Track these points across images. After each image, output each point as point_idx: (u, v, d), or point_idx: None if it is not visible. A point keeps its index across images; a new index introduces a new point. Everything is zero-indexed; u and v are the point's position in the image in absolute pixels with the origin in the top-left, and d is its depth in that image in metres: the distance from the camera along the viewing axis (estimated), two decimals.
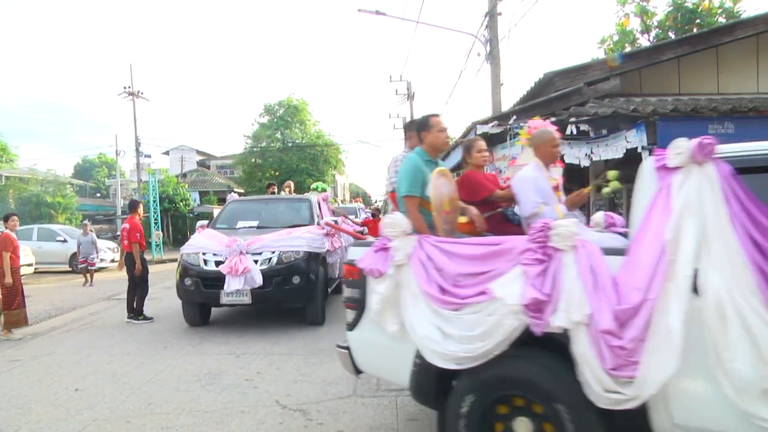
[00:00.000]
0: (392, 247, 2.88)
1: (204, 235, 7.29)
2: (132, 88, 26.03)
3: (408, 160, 3.41)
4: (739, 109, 6.06)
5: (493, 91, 9.55)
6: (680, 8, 13.40)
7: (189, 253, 6.94)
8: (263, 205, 8.71)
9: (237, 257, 6.42)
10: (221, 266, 6.43)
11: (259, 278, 6.40)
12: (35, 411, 4.21)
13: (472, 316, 2.56)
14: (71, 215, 26.47)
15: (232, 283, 6.30)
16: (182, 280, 6.77)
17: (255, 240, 6.75)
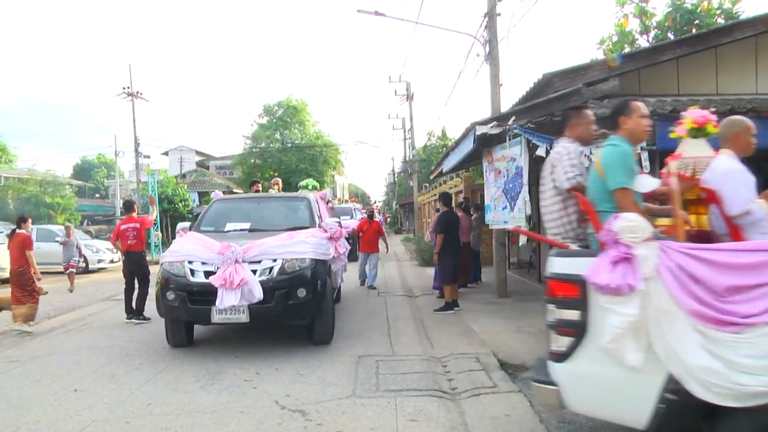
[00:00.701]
0: (637, 257, 2.40)
1: (189, 240, 6.17)
2: (131, 88, 26.04)
3: (615, 149, 2.98)
4: (737, 110, 6.06)
5: (492, 92, 9.55)
6: (679, 9, 13.41)
7: (172, 262, 5.75)
8: (254, 205, 7.53)
9: (232, 266, 5.38)
10: (212, 278, 5.38)
11: (258, 292, 5.36)
12: (34, 411, 4.20)
13: (763, 339, 2.16)
14: (70, 216, 26.45)
15: (226, 298, 5.28)
16: (164, 295, 5.64)
17: (252, 246, 5.66)
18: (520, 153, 6.90)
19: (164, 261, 5.90)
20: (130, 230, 8.03)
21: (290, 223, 6.80)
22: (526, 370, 5.04)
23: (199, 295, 5.53)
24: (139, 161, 26.85)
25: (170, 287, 5.63)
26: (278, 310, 5.57)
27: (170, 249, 6.09)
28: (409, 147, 29.10)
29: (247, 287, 5.32)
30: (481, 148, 7.98)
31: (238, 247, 5.53)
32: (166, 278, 5.70)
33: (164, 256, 6.01)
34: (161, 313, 5.83)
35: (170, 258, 5.84)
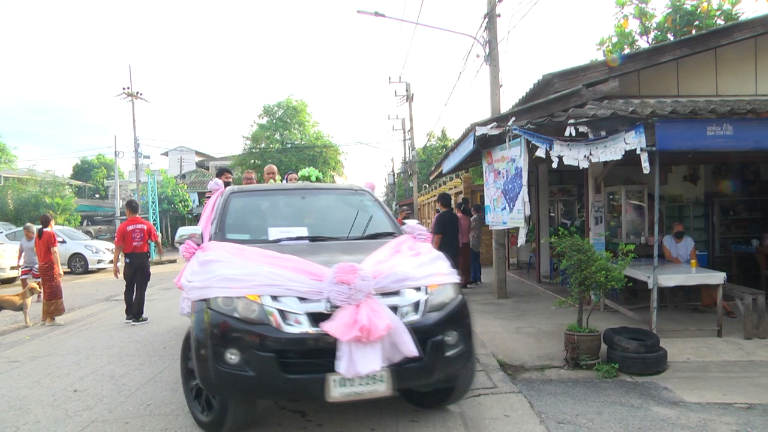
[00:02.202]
0: None
1: (250, 257, 3.63)
2: (131, 89, 26.05)
3: None
4: (737, 111, 6.07)
5: (492, 93, 9.56)
6: (679, 10, 13.41)
7: (232, 299, 3.31)
8: (295, 201, 5.13)
9: (364, 304, 3.17)
10: (328, 324, 3.11)
11: (410, 343, 3.20)
12: (34, 412, 4.21)
13: None
14: (70, 216, 26.47)
15: (359, 359, 3.06)
16: (218, 356, 3.24)
17: (381, 268, 3.49)
18: (519, 154, 6.90)
19: (211, 296, 3.35)
20: (137, 231, 7.98)
21: (364, 228, 4.72)
22: (526, 371, 5.05)
23: (302, 355, 3.25)
24: (139, 162, 26.84)
25: (236, 343, 3.22)
26: (431, 368, 3.41)
27: (211, 273, 3.48)
28: (409, 148, 29.12)
29: (391, 338, 3.17)
30: (480, 149, 7.98)
31: (366, 271, 3.29)
32: (223, 327, 3.25)
33: (205, 289, 3.41)
34: (211, 387, 3.37)
35: (225, 291, 3.33)
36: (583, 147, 6.27)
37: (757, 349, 5.67)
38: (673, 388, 4.56)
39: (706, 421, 3.86)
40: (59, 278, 8.28)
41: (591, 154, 6.24)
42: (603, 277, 5.20)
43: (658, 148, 5.80)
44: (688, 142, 6.00)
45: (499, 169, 7.89)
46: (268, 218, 4.87)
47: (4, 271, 13.90)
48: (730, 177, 10.13)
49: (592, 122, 6.19)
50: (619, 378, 4.88)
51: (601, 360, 5.13)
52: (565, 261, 5.49)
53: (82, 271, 16.36)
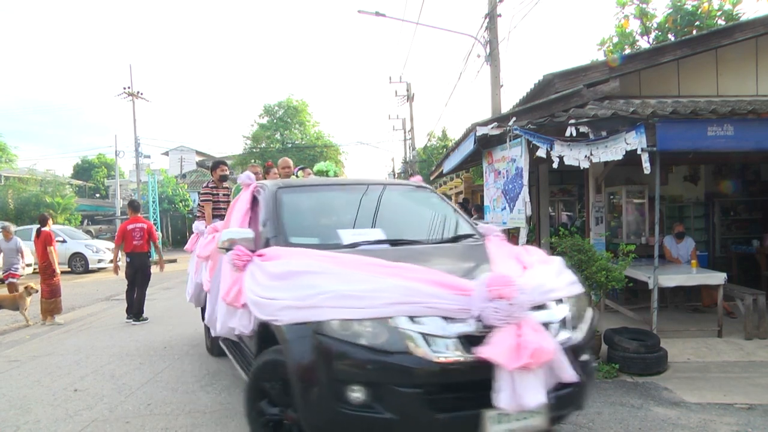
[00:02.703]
0: None
1: (351, 266, 2.91)
2: (132, 88, 26.05)
3: None
4: (738, 112, 6.06)
5: (493, 93, 9.56)
6: (679, 10, 13.40)
7: (351, 320, 2.62)
8: (354, 198, 4.39)
9: (526, 322, 2.60)
10: (484, 349, 2.50)
11: (568, 366, 2.68)
12: (34, 411, 4.21)
13: None
14: (70, 215, 26.48)
15: (522, 389, 2.49)
16: (336, 394, 2.59)
17: (528, 277, 2.95)
18: (520, 154, 6.89)
19: (323, 319, 2.63)
20: (137, 230, 7.97)
21: (442, 230, 4.18)
22: None
23: (453, 389, 2.61)
24: (140, 161, 26.85)
25: (363, 378, 2.56)
26: (584, 392, 3.02)
27: (319, 290, 2.71)
28: (410, 147, 29.13)
29: (554, 364, 2.64)
30: (481, 149, 7.98)
31: (524, 283, 2.75)
32: (343, 358, 2.58)
33: (314, 309, 2.67)
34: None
35: (342, 311, 2.62)
36: (583, 147, 6.27)
37: (758, 349, 5.67)
38: (673, 389, 4.56)
39: (706, 422, 3.86)
40: (58, 277, 8.29)
41: (592, 154, 6.24)
42: (603, 278, 5.20)
43: (659, 148, 5.80)
44: (689, 143, 6.00)
45: (499, 169, 7.88)
46: (329, 218, 4.22)
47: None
48: (730, 177, 10.13)
49: (593, 122, 6.19)
50: (620, 378, 4.88)
51: (601, 360, 5.13)
52: (566, 261, 5.49)
53: (83, 271, 16.36)
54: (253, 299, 3.03)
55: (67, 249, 16.16)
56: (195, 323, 7.44)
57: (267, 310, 2.89)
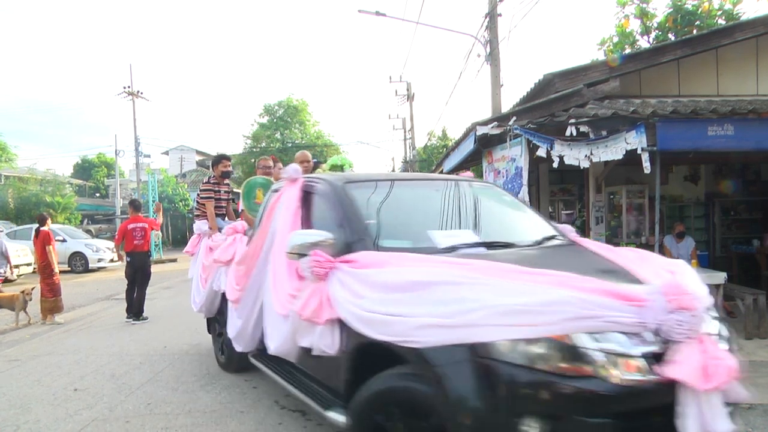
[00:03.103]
0: None
1: (488, 273, 2.43)
2: (132, 88, 26.10)
3: None
4: (738, 111, 6.06)
5: (493, 92, 9.56)
6: (680, 10, 13.40)
7: (520, 341, 2.17)
8: (429, 194, 3.99)
9: (705, 336, 2.29)
10: (672, 368, 2.14)
11: (740, 386, 2.38)
12: (34, 411, 4.21)
13: None
14: (70, 215, 26.47)
15: (710, 413, 2.15)
16: (507, 428, 2.16)
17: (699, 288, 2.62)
18: (520, 153, 6.90)
19: (486, 340, 2.21)
20: (138, 230, 7.98)
21: (526, 230, 3.81)
22: None
23: (639, 417, 2.25)
24: (140, 161, 26.88)
25: (542, 408, 2.18)
26: (737, 410, 2.68)
27: (473, 306, 2.25)
28: (410, 147, 29.13)
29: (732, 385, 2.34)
30: (481, 149, 7.98)
31: (701, 291, 2.53)
32: (515, 386, 2.17)
33: (471, 327, 2.23)
34: None
35: (510, 330, 2.20)
36: (584, 147, 6.27)
37: (758, 349, 5.67)
38: None
39: None
40: (57, 276, 8.27)
41: (592, 153, 6.25)
42: None
43: (659, 148, 5.80)
44: (689, 142, 6.00)
45: (499, 169, 7.88)
46: (408, 218, 3.62)
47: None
48: (730, 177, 10.13)
49: (593, 122, 6.19)
50: None
51: None
52: None
53: (83, 270, 16.36)
54: (360, 315, 2.54)
55: (67, 248, 16.16)
56: (195, 323, 7.44)
57: (393, 329, 2.37)
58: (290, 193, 3.73)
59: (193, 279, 5.45)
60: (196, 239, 5.67)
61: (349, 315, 2.61)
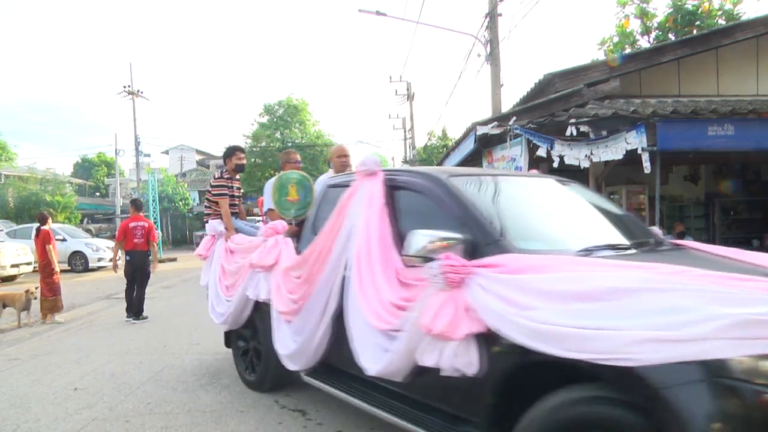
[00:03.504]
0: None
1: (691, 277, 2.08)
2: (132, 87, 26.08)
3: None
4: (738, 111, 6.07)
5: (493, 92, 9.55)
6: (680, 10, 13.41)
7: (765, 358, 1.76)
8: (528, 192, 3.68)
9: None
10: None
11: None
12: (34, 410, 4.21)
13: None
14: (70, 214, 26.47)
15: None
16: None
17: None
18: (520, 153, 6.90)
19: (718, 356, 1.80)
20: (138, 228, 8.00)
21: (630, 231, 3.40)
22: None
23: None
24: (140, 160, 26.85)
25: None
26: None
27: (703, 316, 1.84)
28: (410, 147, 29.13)
29: None
30: (481, 149, 7.99)
31: None
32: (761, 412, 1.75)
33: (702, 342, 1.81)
34: None
35: (750, 345, 1.78)
36: (584, 147, 6.27)
37: None
38: None
39: None
40: (57, 276, 8.27)
41: (592, 153, 6.25)
42: None
43: (659, 147, 5.81)
44: (689, 142, 6.01)
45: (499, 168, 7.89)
46: (528, 217, 3.29)
47: (5, 269, 13.91)
48: (730, 177, 10.14)
49: (593, 122, 6.20)
50: None
51: None
52: None
53: (83, 269, 16.35)
54: (533, 328, 2.12)
55: (67, 248, 16.15)
56: (195, 322, 7.46)
57: (594, 345, 1.98)
58: (371, 188, 3.26)
59: (210, 286, 4.78)
60: (209, 241, 5.00)
61: (515, 329, 2.18)
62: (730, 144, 6.00)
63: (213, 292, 4.72)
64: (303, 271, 3.53)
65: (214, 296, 4.68)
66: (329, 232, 3.36)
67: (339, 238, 3.25)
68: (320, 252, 3.38)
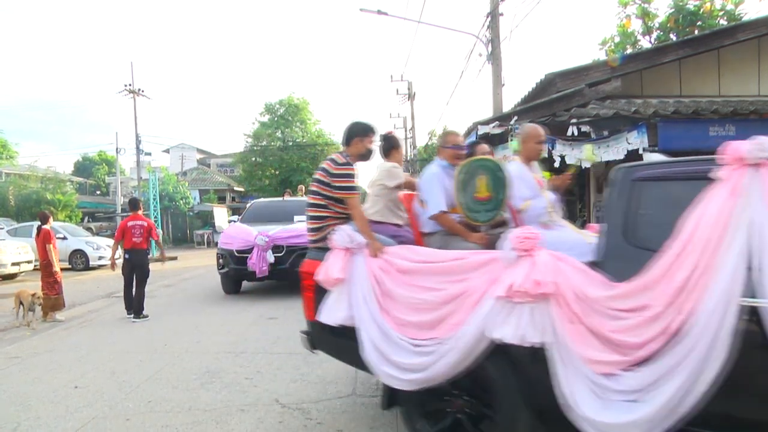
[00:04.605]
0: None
1: None
2: (133, 85, 26.07)
3: None
4: (740, 112, 6.08)
5: (495, 92, 9.55)
6: (681, 10, 13.40)
7: None
8: None
9: None
10: None
11: None
12: (34, 408, 4.21)
13: None
14: (71, 212, 26.48)
15: None
16: None
17: None
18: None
19: None
20: (137, 227, 8.06)
21: None
22: None
23: None
24: (141, 159, 26.90)
25: None
26: None
27: None
28: (411, 146, 29.11)
29: None
30: None
31: None
32: None
33: None
34: None
35: None
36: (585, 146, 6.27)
37: None
38: None
39: None
40: (57, 275, 8.25)
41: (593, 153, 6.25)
42: None
43: (661, 148, 5.81)
44: (691, 143, 6.01)
45: None
46: None
47: (6, 267, 13.93)
48: None
49: (595, 122, 6.20)
50: None
51: None
52: None
53: (83, 268, 16.36)
54: None
55: (67, 246, 16.16)
56: (195, 321, 7.47)
57: None
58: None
59: (363, 327, 3.17)
60: (340, 258, 3.32)
61: None
62: None
63: (376, 334, 3.12)
64: (649, 301, 2.44)
65: (383, 341, 3.10)
66: (704, 242, 2.37)
67: (728, 252, 2.32)
68: (691, 273, 2.37)
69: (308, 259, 3.67)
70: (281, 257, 8.98)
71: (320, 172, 3.73)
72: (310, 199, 3.81)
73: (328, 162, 3.74)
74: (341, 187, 3.61)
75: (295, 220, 9.60)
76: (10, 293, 8.24)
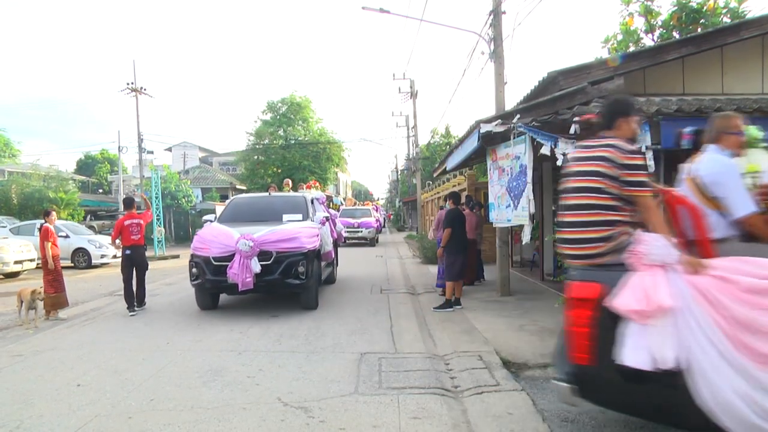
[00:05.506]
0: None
1: None
2: (135, 84, 26.07)
3: None
4: (743, 110, 6.04)
5: (497, 90, 9.51)
6: (684, 8, 13.34)
7: None
8: None
9: None
10: None
11: None
12: (37, 406, 4.22)
13: None
14: (73, 211, 26.51)
15: None
16: None
17: None
18: (524, 151, 6.88)
19: None
20: (134, 226, 8.18)
21: None
22: (529, 368, 5.04)
23: None
24: (143, 157, 26.92)
25: None
26: None
27: None
28: (413, 144, 29.08)
29: None
30: (485, 146, 7.97)
31: None
32: None
33: None
34: None
35: None
36: None
37: None
38: None
39: None
40: (58, 273, 8.18)
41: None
42: None
43: (663, 146, 5.78)
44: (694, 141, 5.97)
45: (503, 167, 7.87)
46: None
47: (8, 265, 13.96)
48: None
49: None
50: None
51: None
52: None
53: (86, 266, 16.39)
54: None
55: (70, 244, 16.18)
56: (197, 319, 7.48)
57: None
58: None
59: (703, 368, 2.47)
60: (662, 278, 2.64)
61: None
62: None
63: (729, 376, 2.43)
64: None
65: (746, 384, 2.41)
66: None
67: None
68: None
69: (578, 281, 2.89)
70: (269, 266, 7.43)
71: (599, 163, 2.89)
72: (584, 200, 2.96)
73: (610, 149, 2.91)
74: (633, 182, 2.88)
75: (284, 220, 8.50)
76: (13, 291, 8.24)
